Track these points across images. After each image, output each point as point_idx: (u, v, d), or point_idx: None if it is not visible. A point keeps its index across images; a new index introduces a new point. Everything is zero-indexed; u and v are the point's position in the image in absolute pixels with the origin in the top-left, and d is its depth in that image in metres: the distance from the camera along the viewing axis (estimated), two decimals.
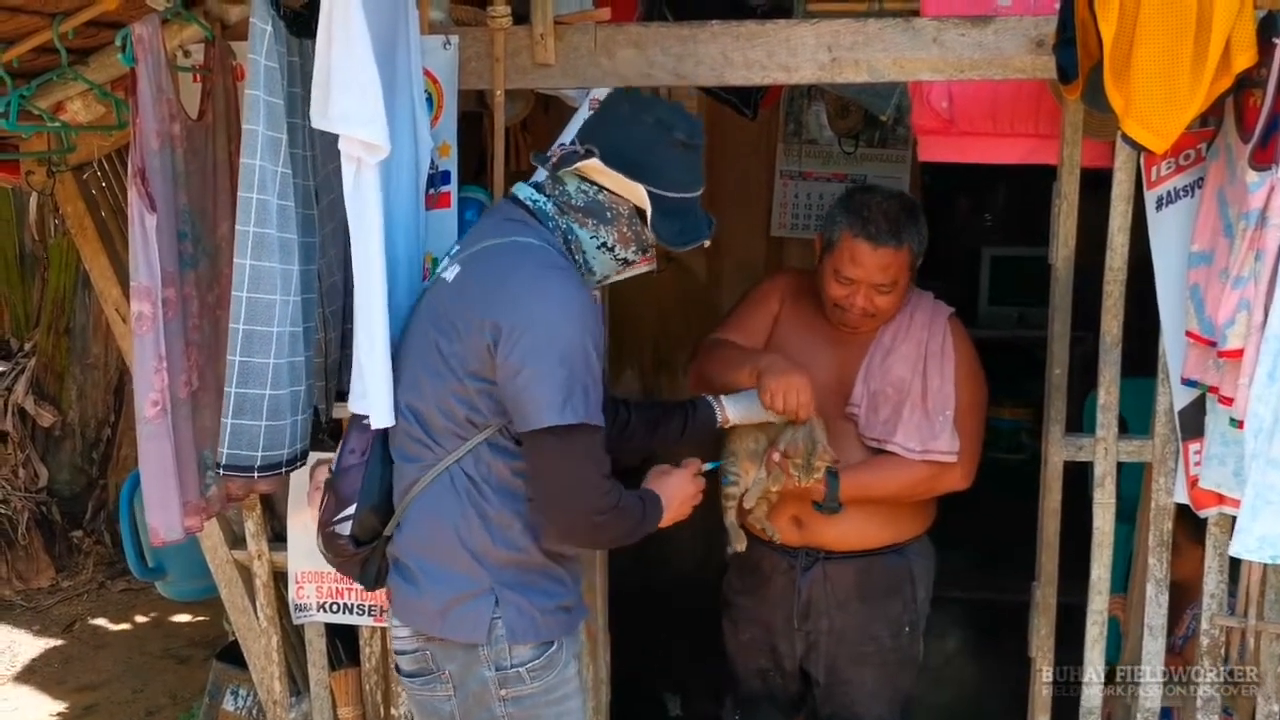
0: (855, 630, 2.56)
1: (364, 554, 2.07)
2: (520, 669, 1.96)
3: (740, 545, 2.47)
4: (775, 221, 4.44)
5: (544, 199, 2.02)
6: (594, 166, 1.94)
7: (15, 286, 5.54)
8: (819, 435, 2.34)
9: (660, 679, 3.76)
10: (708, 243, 2.07)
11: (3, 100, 2.13)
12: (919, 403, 2.44)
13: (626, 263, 2.06)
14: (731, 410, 2.34)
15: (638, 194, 1.94)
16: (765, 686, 2.71)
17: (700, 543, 4.36)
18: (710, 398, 2.37)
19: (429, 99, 2.33)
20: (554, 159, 2.00)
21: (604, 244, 2.01)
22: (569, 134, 2.40)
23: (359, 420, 2.05)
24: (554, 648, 2.00)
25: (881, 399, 2.46)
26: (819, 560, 2.53)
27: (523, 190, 2.05)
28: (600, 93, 2.42)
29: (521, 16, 2.36)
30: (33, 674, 4.42)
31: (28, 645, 4.67)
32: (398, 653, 2.12)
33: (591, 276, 2.05)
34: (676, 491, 2.12)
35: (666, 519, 2.09)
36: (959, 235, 5.86)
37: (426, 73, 2.30)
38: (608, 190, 1.98)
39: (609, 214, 1.99)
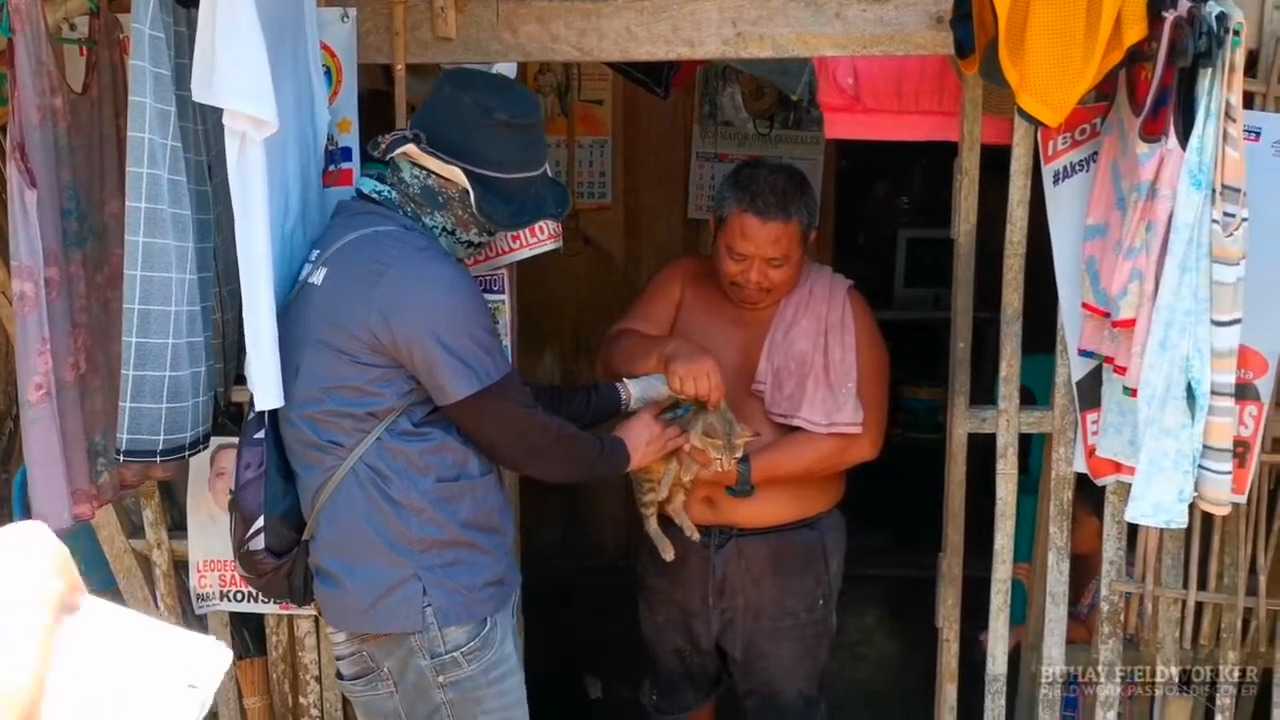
0: (770, 605, 2.58)
1: (285, 565, 2.05)
2: (456, 653, 1.96)
3: (669, 554, 2.48)
4: (692, 203, 4.44)
5: (387, 189, 2.02)
6: (411, 151, 1.95)
7: None
8: (730, 415, 2.34)
9: (581, 663, 3.75)
10: (557, 219, 2.17)
11: None
12: (822, 376, 2.45)
13: (473, 245, 2.08)
14: (635, 390, 2.35)
15: (457, 176, 1.95)
16: (683, 666, 2.72)
17: (621, 529, 4.38)
18: (617, 382, 2.38)
19: (327, 73, 2.28)
20: (384, 144, 1.99)
21: (444, 229, 2.02)
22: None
23: (251, 435, 2.05)
24: (488, 626, 2.01)
25: (785, 374, 2.47)
26: (732, 538, 2.54)
27: (366, 184, 2.05)
28: (504, 67, 2.38)
29: None
30: None
31: None
32: (337, 658, 2.12)
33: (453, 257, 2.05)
34: (641, 432, 2.24)
35: (637, 460, 2.23)
36: (875, 218, 5.92)
37: (324, 47, 2.25)
38: (435, 174, 1.98)
39: (440, 198, 2.00)
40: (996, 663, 2.48)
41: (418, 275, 1.90)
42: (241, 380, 2.28)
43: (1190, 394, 1.92)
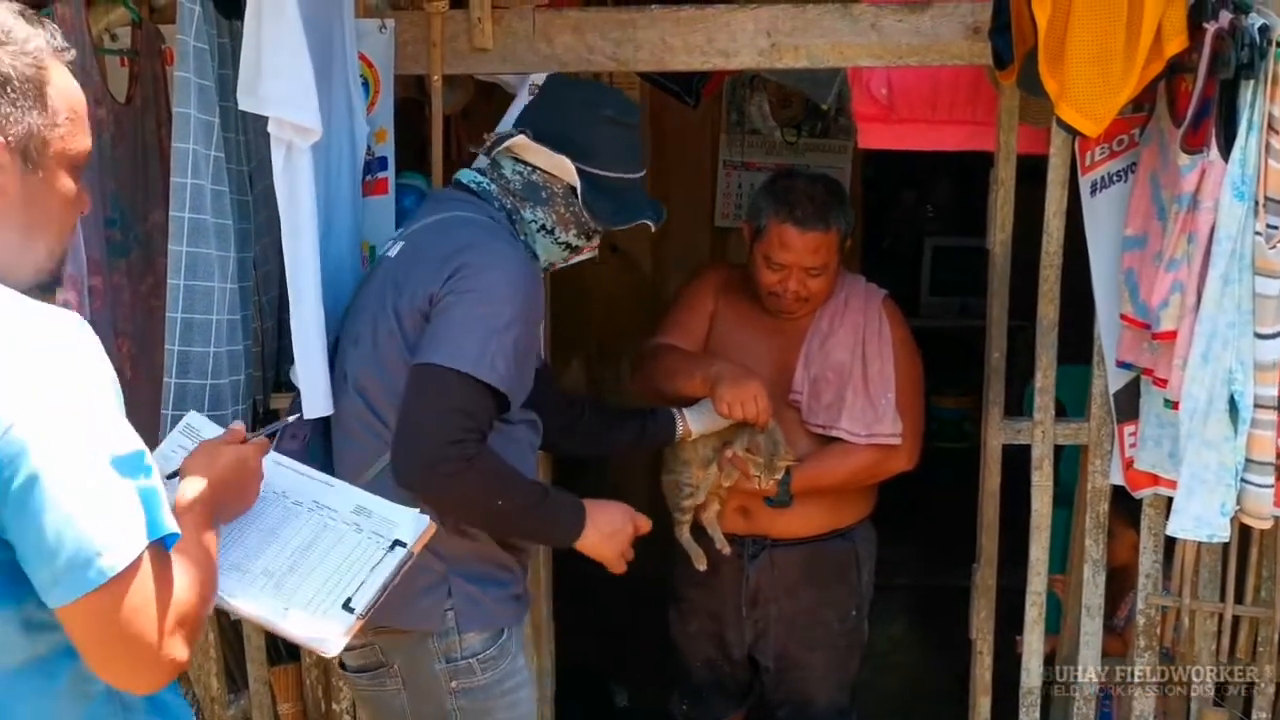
0: (804, 616, 2.58)
1: None
2: (471, 660, 1.93)
3: (702, 564, 2.46)
4: (719, 211, 4.45)
5: (486, 180, 2.00)
6: (521, 143, 1.94)
7: None
8: (779, 435, 2.35)
9: (607, 669, 3.75)
10: (653, 226, 2.06)
11: None
12: (860, 387, 2.45)
13: (569, 247, 2.03)
14: (694, 423, 2.33)
15: (565, 168, 1.94)
16: (714, 676, 2.72)
17: (651, 534, 4.36)
18: (674, 410, 2.35)
19: (365, 84, 2.29)
20: (489, 142, 1.99)
21: (543, 226, 1.99)
22: (508, 121, 2.38)
23: (297, 406, 2.00)
24: (504, 637, 1.97)
25: (823, 384, 2.47)
26: (766, 548, 2.54)
27: (466, 175, 2.03)
28: (539, 78, 2.39)
29: (458, 1, 2.33)
30: None
31: None
32: (345, 648, 2.07)
33: (536, 262, 2.02)
34: (610, 516, 2.01)
35: (588, 542, 1.98)
36: (901, 226, 5.92)
37: (362, 57, 2.27)
38: (541, 170, 1.97)
39: (544, 194, 1.98)
40: (1031, 675, 2.47)
41: (495, 254, 1.86)
42: (279, 387, 2.30)
43: (1233, 406, 1.91)
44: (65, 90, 1.26)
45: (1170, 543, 2.33)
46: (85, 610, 1.13)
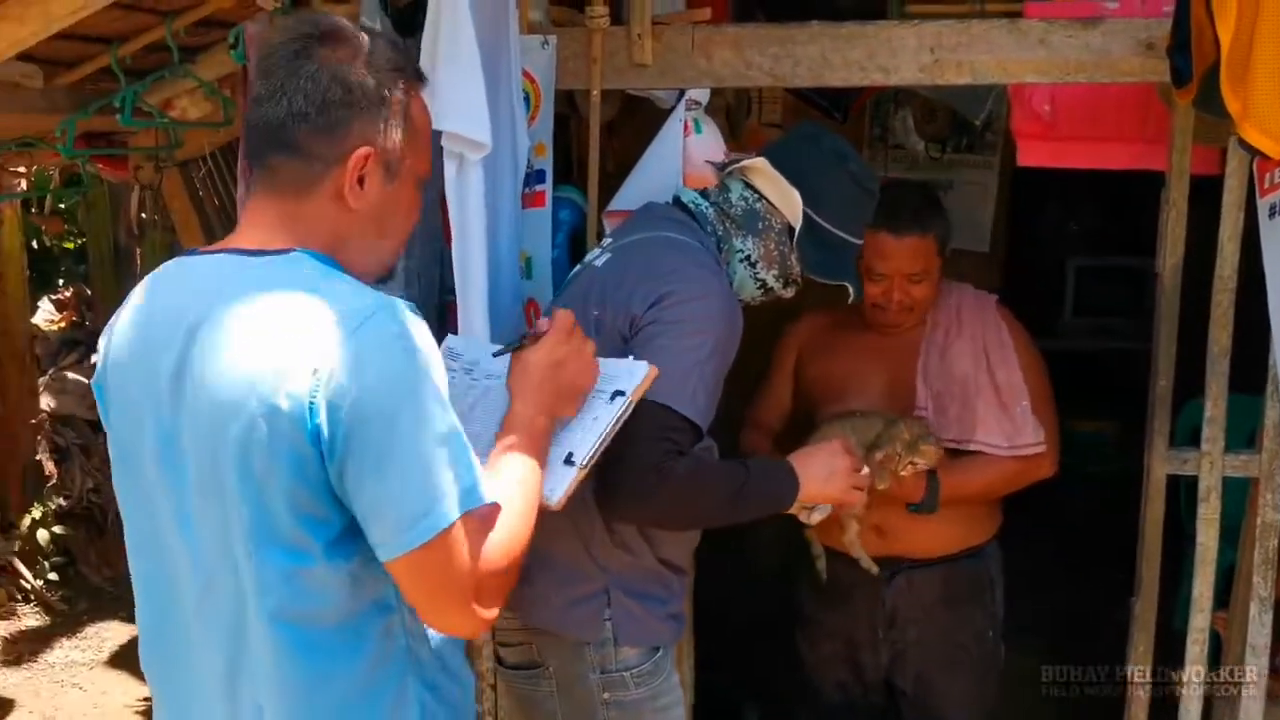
0: (941, 637, 2.54)
1: None
2: (626, 673, 1.93)
3: (874, 568, 2.44)
4: None
5: (704, 201, 2.01)
6: (758, 166, 1.94)
7: (110, 282, 5.69)
8: (928, 425, 2.33)
9: (738, 686, 3.73)
10: (851, 296, 2.04)
11: (118, 96, 2.19)
12: (992, 398, 2.41)
13: (764, 286, 2.00)
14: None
15: (792, 203, 1.93)
16: (846, 698, 2.68)
17: (777, 549, 4.33)
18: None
19: (526, 98, 2.34)
20: (727, 157, 2.02)
21: (748, 258, 1.97)
22: (665, 135, 2.41)
23: None
24: (660, 653, 1.97)
25: (947, 398, 2.44)
26: (902, 569, 2.50)
27: (686, 194, 2.04)
28: (697, 93, 2.42)
29: (618, 18, 2.37)
30: (121, 660, 4.52)
31: (116, 632, 4.78)
32: (501, 644, 2.10)
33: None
34: (820, 462, 1.96)
35: (809, 494, 1.93)
36: (1044, 244, 5.76)
37: (524, 72, 2.32)
38: (766, 200, 1.97)
39: (760, 225, 1.97)
40: (1191, 716, 2.37)
41: (694, 290, 1.82)
42: None
43: None
44: (421, 114, 1.44)
45: None
46: (409, 565, 1.27)
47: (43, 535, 5.15)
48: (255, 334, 1.25)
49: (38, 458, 5.24)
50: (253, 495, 1.26)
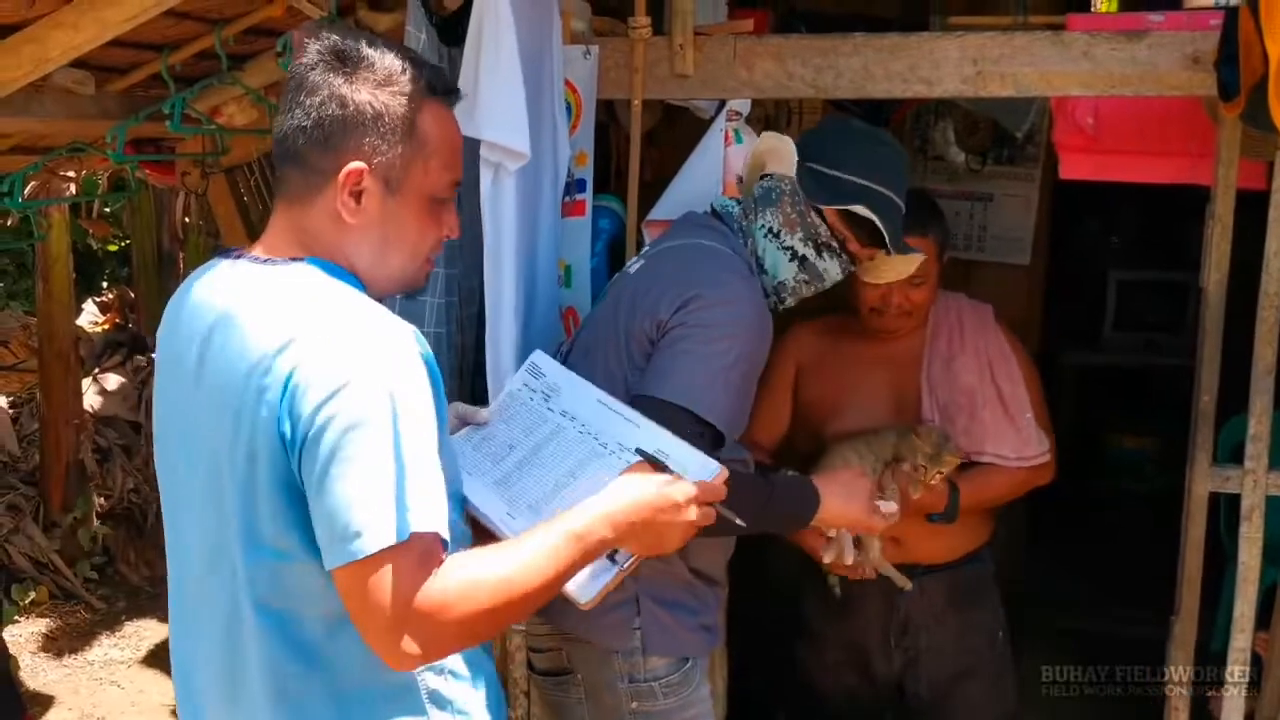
0: (953, 643, 2.55)
1: None
2: (654, 683, 1.93)
3: (907, 584, 2.43)
4: None
5: (733, 203, 2.03)
6: (762, 145, 1.98)
7: (153, 285, 5.76)
8: (948, 432, 2.32)
9: (769, 695, 3.71)
10: (902, 266, 2.07)
11: (167, 103, 2.22)
12: (999, 410, 2.42)
13: (795, 255, 1.95)
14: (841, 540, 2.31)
15: (781, 152, 1.94)
16: (854, 704, 2.67)
17: (794, 558, 4.30)
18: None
19: (567, 108, 2.36)
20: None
21: (770, 229, 1.95)
22: (706, 145, 2.42)
23: None
24: (689, 664, 1.97)
25: (954, 409, 2.43)
26: (917, 576, 2.49)
27: (720, 201, 2.06)
28: (738, 104, 2.42)
29: (659, 28, 2.38)
30: (158, 659, 4.56)
31: (154, 630, 4.84)
32: (533, 650, 2.12)
33: (771, 285, 1.98)
34: (840, 481, 2.00)
35: (829, 514, 1.96)
36: (1085, 258, 5.70)
37: (566, 82, 2.34)
38: (773, 175, 1.98)
39: (774, 194, 1.97)
40: None
41: (722, 295, 1.83)
42: (476, 400, 2.37)
43: None
44: (436, 126, 1.41)
45: None
46: (339, 579, 1.26)
47: (84, 534, 5.23)
48: (249, 336, 1.31)
49: (80, 457, 5.31)
50: (241, 489, 1.31)
